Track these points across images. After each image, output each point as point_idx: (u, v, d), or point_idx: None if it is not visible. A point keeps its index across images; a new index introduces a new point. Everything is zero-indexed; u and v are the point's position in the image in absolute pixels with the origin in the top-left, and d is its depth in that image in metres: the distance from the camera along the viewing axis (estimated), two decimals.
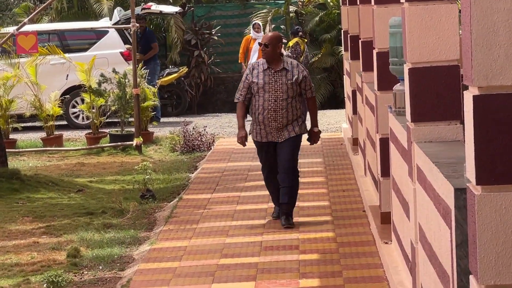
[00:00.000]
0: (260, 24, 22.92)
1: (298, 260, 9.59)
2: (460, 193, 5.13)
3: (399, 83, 8.95)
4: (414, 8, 6.99)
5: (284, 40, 21.55)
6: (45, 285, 8.58)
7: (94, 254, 10.22)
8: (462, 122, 7.15)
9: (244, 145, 11.01)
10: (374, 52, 10.26)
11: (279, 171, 10.80)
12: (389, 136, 9.37)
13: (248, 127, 10.92)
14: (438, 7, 6.97)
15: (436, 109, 7.03)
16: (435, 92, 7.04)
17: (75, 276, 9.44)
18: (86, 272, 9.64)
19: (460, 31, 14.56)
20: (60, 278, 8.64)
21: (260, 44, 11.06)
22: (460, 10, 15.75)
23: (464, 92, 4.37)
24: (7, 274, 9.68)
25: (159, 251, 10.24)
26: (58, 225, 11.81)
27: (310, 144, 11.34)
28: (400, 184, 8.41)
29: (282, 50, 11.34)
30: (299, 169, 11.20)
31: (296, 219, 11.05)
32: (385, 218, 9.79)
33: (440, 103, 7.03)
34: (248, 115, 10.89)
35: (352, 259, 9.49)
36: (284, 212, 10.87)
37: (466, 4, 4.32)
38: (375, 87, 10.28)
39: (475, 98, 4.26)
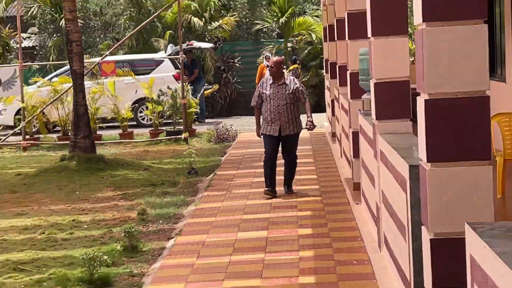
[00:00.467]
0: (270, 55, 22.78)
1: (296, 215, 9.54)
2: (413, 168, 5.08)
3: (366, 94, 8.90)
4: (378, 41, 6.93)
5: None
6: (123, 234, 8.55)
7: (156, 213, 10.20)
8: (411, 119, 7.08)
9: (260, 137, 10.90)
10: (348, 73, 10.19)
11: (284, 157, 10.81)
12: (359, 130, 9.32)
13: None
14: (395, 40, 6.90)
15: (393, 110, 6.99)
16: (393, 99, 7.00)
17: (143, 227, 9.44)
18: (151, 225, 9.65)
19: (411, 58, 14.38)
20: (133, 229, 8.60)
21: (268, 66, 11.08)
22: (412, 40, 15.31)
23: (417, 97, 4.29)
24: (96, 226, 9.71)
25: (201, 210, 10.22)
26: (131, 193, 11.81)
27: (308, 130, 11.15)
28: (367, 163, 8.36)
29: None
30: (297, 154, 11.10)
31: (294, 187, 10.97)
32: (356, 186, 9.73)
33: (396, 106, 6.99)
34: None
35: (334, 215, 9.43)
36: (286, 183, 10.84)
37: (419, 35, 4.24)
38: (349, 96, 10.24)
39: (426, 101, 4.21)
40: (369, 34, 7.09)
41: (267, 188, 10.61)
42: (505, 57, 10.78)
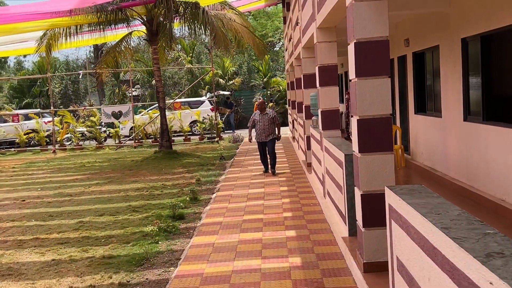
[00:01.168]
0: (260, 97, 22.43)
1: (278, 180, 9.23)
2: (347, 156, 4.79)
3: (314, 116, 8.58)
4: (322, 88, 6.65)
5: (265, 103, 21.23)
6: (189, 191, 8.26)
7: (205, 180, 9.87)
8: (340, 130, 6.81)
9: (250, 142, 10.41)
10: (303, 106, 9.88)
11: (268, 154, 10.01)
12: (310, 135, 9.03)
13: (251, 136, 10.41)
14: (331, 88, 6.62)
15: (331, 125, 6.71)
16: (330, 118, 6.71)
17: (199, 187, 9.09)
18: (203, 186, 9.28)
19: (341, 104, 13.69)
20: (194, 188, 8.33)
21: (257, 104, 10.46)
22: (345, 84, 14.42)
23: (351, 118, 4.01)
24: (175, 187, 9.34)
25: (229, 178, 9.87)
26: (191, 169, 11.48)
27: (277, 140, 10.31)
28: (316, 152, 8.06)
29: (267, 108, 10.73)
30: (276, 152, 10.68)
31: (278, 165, 10.61)
32: (309, 165, 9.48)
33: (332, 123, 6.71)
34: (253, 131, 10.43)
35: (298, 180, 9.13)
36: (272, 168, 9.94)
37: (353, 84, 3.95)
38: (304, 118, 9.91)
39: (358, 120, 3.91)
40: (317, 85, 6.81)
41: (264, 170, 10.17)
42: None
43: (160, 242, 5.68)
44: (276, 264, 4.60)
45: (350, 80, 3.98)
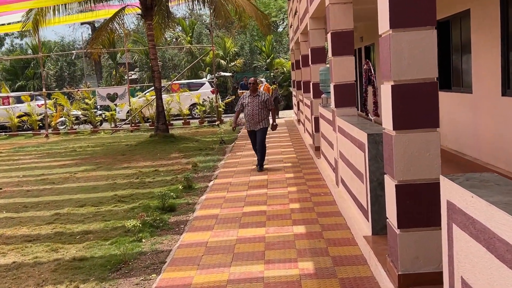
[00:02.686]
0: (264, 80, 21.37)
1: (283, 166, 8.35)
2: (370, 136, 3.87)
3: (324, 94, 7.70)
4: (336, 58, 5.68)
5: (265, 83, 20.26)
6: (183, 179, 7.38)
7: (203, 165, 9.01)
8: (355, 107, 5.89)
9: (234, 130, 8.83)
10: (311, 84, 8.90)
11: (257, 145, 8.17)
12: (319, 115, 8.11)
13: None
14: (346, 57, 5.66)
15: (345, 101, 5.77)
16: (344, 94, 5.77)
17: (196, 174, 8.23)
18: (200, 173, 8.41)
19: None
20: (190, 175, 7.43)
21: (248, 82, 8.86)
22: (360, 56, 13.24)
23: (383, 83, 3.08)
24: (168, 174, 8.48)
25: (228, 163, 9.00)
26: (189, 154, 10.61)
27: (272, 130, 8.45)
28: (326, 134, 7.15)
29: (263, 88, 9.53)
30: (266, 144, 8.27)
31: (280, 150, 9.79)
32: (317, 149, 8.57)
33: (347, 99, 5.77)
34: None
35: (305, 165, 8.24)
36: (259, 165, 8.09)
37: (386, 39, 2.96)
38: (312, 97, 8.94)
39: (392, 86, 2.94)
40: (330, 55, 5.84)
41: (257, 165, 8.25)
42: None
43: (143, 240, 4.81)
44: (283, 270, 3.71)
45: (381, 35, 3.03)
